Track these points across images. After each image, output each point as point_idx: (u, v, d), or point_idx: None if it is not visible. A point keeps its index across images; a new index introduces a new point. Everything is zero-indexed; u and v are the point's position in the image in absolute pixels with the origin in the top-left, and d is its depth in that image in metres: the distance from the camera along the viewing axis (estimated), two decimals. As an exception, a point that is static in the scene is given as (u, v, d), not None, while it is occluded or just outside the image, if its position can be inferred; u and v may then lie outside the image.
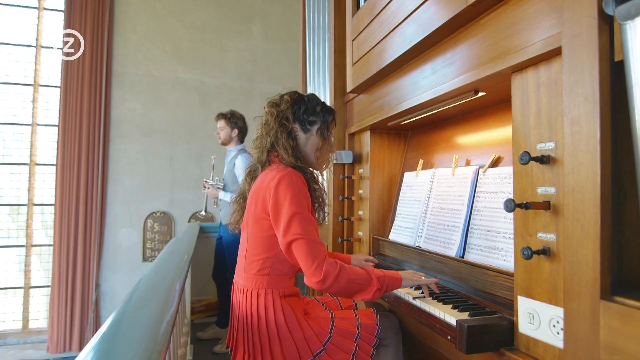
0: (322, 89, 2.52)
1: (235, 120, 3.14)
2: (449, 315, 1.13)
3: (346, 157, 2.11)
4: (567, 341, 0.82)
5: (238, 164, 3.02)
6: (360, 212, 2.08)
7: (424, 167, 1.78)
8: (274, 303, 1.30)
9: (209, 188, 3.15)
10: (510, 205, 0.96)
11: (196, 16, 5.17)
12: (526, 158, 0.95)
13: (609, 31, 0.77)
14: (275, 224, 1.29)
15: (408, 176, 1.89)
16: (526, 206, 0.94)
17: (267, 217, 1.31)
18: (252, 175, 1.51)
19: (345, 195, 2.16)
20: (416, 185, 1.79)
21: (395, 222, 1.88)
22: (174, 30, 5.09)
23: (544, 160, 0.94)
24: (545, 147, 0.96)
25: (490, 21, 1.13)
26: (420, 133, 1.94)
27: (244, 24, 5.36)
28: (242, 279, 1.38)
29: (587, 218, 0.78)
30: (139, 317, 1.03)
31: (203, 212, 3.34)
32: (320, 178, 2.24)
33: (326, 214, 1.57)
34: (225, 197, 3.07)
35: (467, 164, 1.53)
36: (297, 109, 1.45)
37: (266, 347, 1.28)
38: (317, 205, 1.46)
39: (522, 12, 1.02)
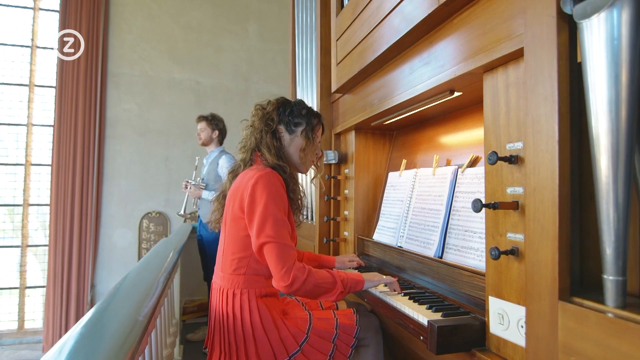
0: (309, 89, 2.51)
1: (216, 123, 3.22)
2: (422, 316, 1.12)
3: (332, 156, 2.11)
4: (529, 342, 0.81)
5: (222, 163, 3.05)
6: (346, 212, 2.07)
7: (407, 167, 1.78)
8: (250, 303, 1.30)
9: (190, 188, 3.15)
10: (477, 206, 0.96)
11: (192, 16, 5.17)
12: (494, 158, 0.95)
13: (568, 31, 0.76)
14: (249, 224, 1.29)
15: (392, 176, 1.88)
16: (494, 206, 0.94)
17: (244, 216, 1.31)
18: (234, 174, 1.51)
19: (331, 195, 2.16)
20: (399, 185, 1.79)
21: (380, 222, 1.87)
22: (169, 31, 5.09)
23: (512, 160, 0.94)
24: (514, 147, 0.95)
25: (462, 21, 1.12)
26: (404, 133, 1.93)
27: (239, 24, 5.36)
28: (219, 279, 1.38)
29: (546, 218, 0.77)
30: (114, 315, 1.03)
31: (182, 212, 3.34)
32: (312, 186, 2.22)
33: (304, 216, 1.57)
34: (209, 196, 3.08)
35: (448, 163, 1.53)
36: (283, 111, 1.48)
37: (241, 348, 1.28)
38: (295, 207, 1.46)
39: (491, 12, 1.01)
